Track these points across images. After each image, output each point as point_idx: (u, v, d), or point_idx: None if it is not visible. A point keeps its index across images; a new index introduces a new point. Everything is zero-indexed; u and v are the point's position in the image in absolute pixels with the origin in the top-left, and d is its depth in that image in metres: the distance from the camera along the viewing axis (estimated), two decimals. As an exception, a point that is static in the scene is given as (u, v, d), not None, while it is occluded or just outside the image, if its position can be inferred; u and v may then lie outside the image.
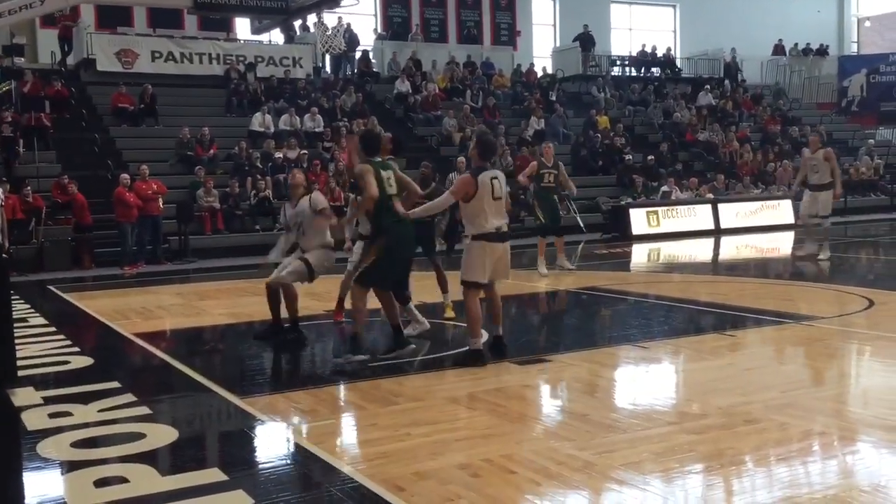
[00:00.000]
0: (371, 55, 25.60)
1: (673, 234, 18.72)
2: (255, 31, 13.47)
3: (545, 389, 6.47)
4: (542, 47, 30.35)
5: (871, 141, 27.36)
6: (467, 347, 6.81)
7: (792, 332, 7.89)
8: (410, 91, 23.30)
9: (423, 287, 9.05)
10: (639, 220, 18.24)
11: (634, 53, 30.29)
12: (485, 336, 6.97)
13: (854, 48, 37.68)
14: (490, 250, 6.64)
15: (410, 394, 6.03)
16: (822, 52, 33.78)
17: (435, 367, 6.86)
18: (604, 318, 9.69)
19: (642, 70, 29.87)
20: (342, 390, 6.26)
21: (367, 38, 26.48)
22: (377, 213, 6.70)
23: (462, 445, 4.80)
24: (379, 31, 27.39)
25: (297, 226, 7.77)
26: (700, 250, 17.19)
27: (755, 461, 4.47)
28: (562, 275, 12.25)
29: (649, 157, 22.26)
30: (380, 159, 6.88)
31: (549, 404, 6.08)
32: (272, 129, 20.21)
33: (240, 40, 23.99)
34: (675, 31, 33.38)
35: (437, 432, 5.06)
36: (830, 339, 7.58)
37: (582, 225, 19.40)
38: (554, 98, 25.02)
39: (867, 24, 38.14)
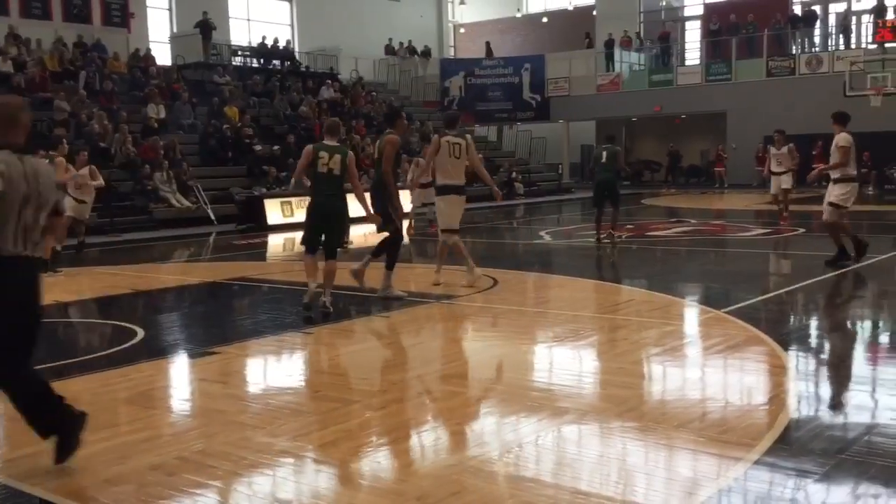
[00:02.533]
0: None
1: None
2: None
3: (222, 381, 6.32)
4: (158, 32, 29.06)
5: (469, 136, 30.18)
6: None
7: (438, 310, 8.56)
8: (13, 71, 20.93)
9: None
10: (273, 210, 18.35)
11: (255, 44, 30.28)
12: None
13: (452, 52, 41.38)
14: None
15: (74, 398, 5.55)
16: (426, 53, 36.64)
17: (97, 369, 6.37)
18: (260, 306, 9.67)
19: (262, 61, 29.98)
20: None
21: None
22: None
23: (150, 446, 4.56)
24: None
25: None
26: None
27: (436, 427, 4.87)
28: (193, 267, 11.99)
29: (275, 147, 22.45)
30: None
31: (230, 395, 5.93)
32: None
33: None
34: (292, 26, 33.93)
35: (119, 435, 4.78)
36: (474, 315, 8.39)
37: (213, 217, 19.13)
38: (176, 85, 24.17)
39: (462, 30, 42.10)
